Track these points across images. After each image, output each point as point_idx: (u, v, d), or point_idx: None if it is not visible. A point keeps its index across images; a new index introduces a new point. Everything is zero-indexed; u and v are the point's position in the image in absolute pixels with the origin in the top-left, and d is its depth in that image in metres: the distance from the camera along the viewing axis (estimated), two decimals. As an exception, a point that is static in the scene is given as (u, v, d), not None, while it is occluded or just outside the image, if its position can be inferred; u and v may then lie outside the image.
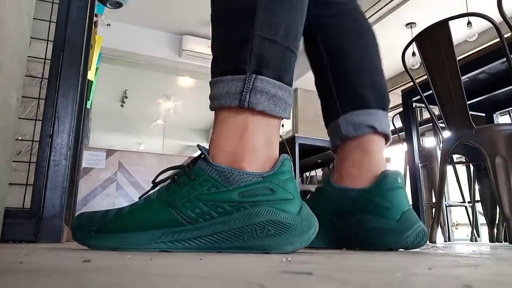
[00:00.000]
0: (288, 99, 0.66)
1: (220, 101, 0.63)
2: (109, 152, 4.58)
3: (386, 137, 0.85)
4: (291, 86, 0.67)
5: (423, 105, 1.96)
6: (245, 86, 0.61)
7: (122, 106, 7.71)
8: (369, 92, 0.83)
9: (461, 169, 2.53)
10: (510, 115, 2.34)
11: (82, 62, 1.20)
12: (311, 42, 0.91)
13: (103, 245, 0.58)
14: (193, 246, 0.58)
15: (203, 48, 5.44)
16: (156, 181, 0.65)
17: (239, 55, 0.63)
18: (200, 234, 0.57)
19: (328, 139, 0.94)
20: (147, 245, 0.58)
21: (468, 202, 2.47)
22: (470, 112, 1.58)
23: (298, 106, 6.51)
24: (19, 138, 1.15)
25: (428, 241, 1.97)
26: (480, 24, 4.26)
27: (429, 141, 3.27)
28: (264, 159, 0.62)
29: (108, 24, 5.15)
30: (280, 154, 0.65)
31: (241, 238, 0.58)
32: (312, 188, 3.29)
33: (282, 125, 7.87)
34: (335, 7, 0.89)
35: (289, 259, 0.44)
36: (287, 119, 0.67)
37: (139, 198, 0.62)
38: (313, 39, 0.90)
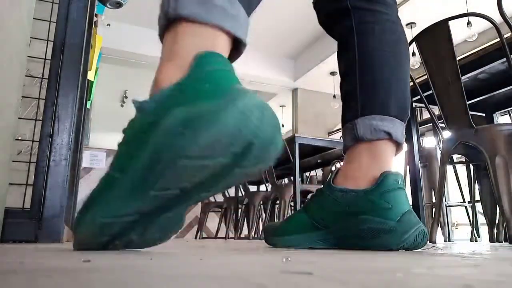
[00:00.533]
0: (234, 12, 0.55)
1: (159, 30, 0.57)
2: (109, 152, 4.58)
3: (398, 146, 0.86)
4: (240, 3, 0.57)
5: (423, 105, 1.96)
6: None
7: (122, 106, 7.71)
8: (392, 101, 0.85)
9: (461, 169, 2.53)
10: (510, 115, 2.34)
11: (82, 62, 1.20)
12: (348, 43, 0.91)
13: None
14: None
15: (203, 48, 5.43)
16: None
17: None
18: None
19: (328, 139, 0.95)
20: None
21: (468, 202, 2.47)
22: (470, 112, 1.58)
23: (298, 106, 6.51)
24: (19, 138, 1.15)
25: (428, 241, 1.96)
26: (480, 24, 4.26)
27: (429, 141, 3.27)
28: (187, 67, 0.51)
29: (108, 24, 5.15)
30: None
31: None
32: (312, 188, 3.29)
33: (282, 125, 7.87)
34: (379, 15, 0.90)
35: (289, 259, 0.44)
36: (238, 37, 0.55)
37: None
38: (351, 41, 0.90)
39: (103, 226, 0.51)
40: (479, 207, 2.16)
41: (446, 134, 1.77)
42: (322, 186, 0.88)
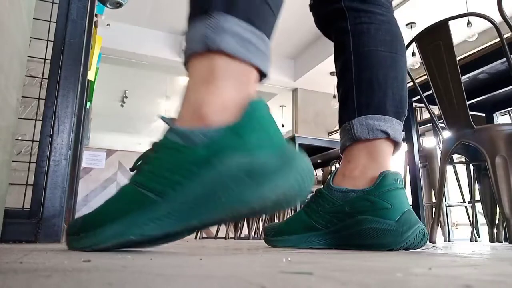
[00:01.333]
0: (264, 49, 0.59)
1: (186, 50, 0.58)
2: (109, 152, 4.58)
3: (396, 145, 0.87)
4: (268, 38, 0.60)
5: (423, 105, 1.96)
6: (208, 24, 0.55)
7: (122, 106, 7.71)
8: (389, 100, 0.85)
9: (461, 169, 2.53)
10: (510, 115, 2.34)
11: (82, 62, 1.20)
12: (344, 44, 0.91)
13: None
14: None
15: (203, 48, 5.43)
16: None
17: None
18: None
19: (328, 139, 0.95)
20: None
21: (468, 202, 2.47)
22: (470, 112, 1.58)
23: (298, 106, 6.51)
24: (19, 138, 1.15)
25: (428, 241, 1.97)
26: (480, 24, 4.26)
27: (429, 141, 3.27)
28: (233, 108, 0.54)
29: (108, 24, 5.15)
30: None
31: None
32: (312, 188, 3.28)
33: (282, 125, 7.87)
34: (373, 16, 0.90)
35: (289, 259, 0.44)
36: (265, 74, 0.59)
37: None
38: (346, 42, 0.90)
39: (130, 241, 0.53)
40: (479, 207, 2.16)
41: (446, 134, 1.77)
42: (322, 186, 0.88)
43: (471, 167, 2.14)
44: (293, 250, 0.72)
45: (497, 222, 1.97)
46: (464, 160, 2.07)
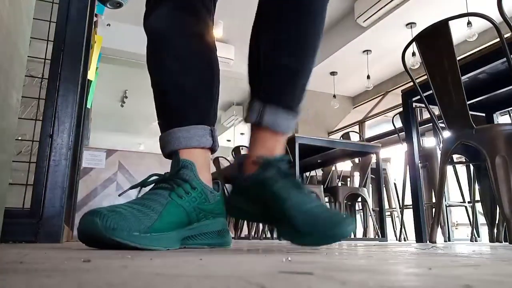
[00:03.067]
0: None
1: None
2: (109, 152, 4.58)
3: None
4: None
5: (423, 105, 1.96)
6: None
7: (122, 106, 7.71)
8: (296, 98, 0.93)
9: (461, 169, 2.53)
10: (510, 115, 2.34)
11: (82, 62, 1.20)
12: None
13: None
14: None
15: (203, 48, 5.44)
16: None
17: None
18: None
19: (328, 139, 0.96)
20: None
21: (468, 202, 2.47)
22: (470, 112, 1.58)
23: (298, 106, 6.51)
24: (19, 138, 1.15)
25: (428, 241, 1.97)
26: (480, 24, 4.26)
27: (429, 141, 3.27)
28: None
29: (108, 24, 5.15)
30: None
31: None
32: (313, 188, 3.28)
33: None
34: None
35: (289, 259, 0.44)
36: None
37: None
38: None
39: None
40: (479, 207, 2.16)
41: (446, 134, 1.77)
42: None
43: (471, 167, 2.14)
44: (293, 250, 0.72)
45: (497, 222, 1.97)
46: (464, 160, 2.07)
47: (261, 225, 3.85)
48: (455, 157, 2.18)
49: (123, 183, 4.49)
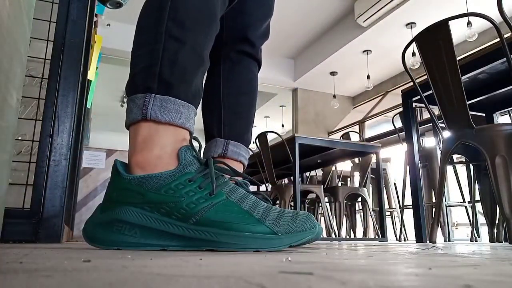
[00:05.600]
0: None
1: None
2: (109, 152, 4.58)
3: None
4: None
5: (423, 105, 1.96)
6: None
7: (122, 106, 7.71)
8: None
9: (461, 169, 2.53)
10: (510, 115, 2.34)
11: (82, 62, 1.20)
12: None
13: None
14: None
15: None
16: None
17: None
18: None
19: (328, 139, 0.98)
20: None
21: (468, 202, 2.47)
22: (470, 112, 1.58)
23: (298, 106, 6.51)
24: (19, 138, 1.15)
25: (428, 241, 1.97)
26: (480, 24, 4.26)
27: (429, 141, 3.27)
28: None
29: (108, 24, 5.15)
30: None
31: None
32: (313, 188, 3.29)
33: (282, 125, 7.87)
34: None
35: (289, 259, 0.44)
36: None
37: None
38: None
39: None
40: (479, 207, 2.16)
41: (446, 134, 1.77)
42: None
43: (471, 167, 2.14)
44: (293, 250, 0.72)
45: (497, 222, 1.97)
46: (464, 160, 2.07)
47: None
48: (455, 157, 2.19)
49: (123, 183, 4.48)
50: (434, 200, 2.64)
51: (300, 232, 0.67)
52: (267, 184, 3.56)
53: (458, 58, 1.59)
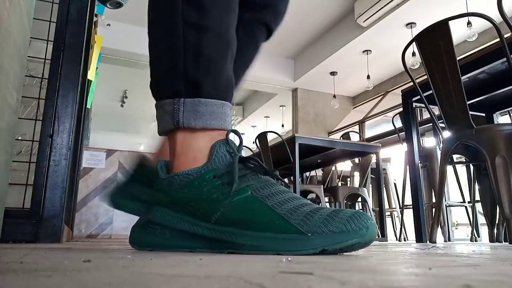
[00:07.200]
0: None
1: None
2: (109, 152, 4.57)
3: None
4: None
5: (423, 105, 1.96)
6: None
7: (122, 106, 7.71)
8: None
9: (461, 169, 2.53)
10: (510, 115, 2.34)
11: (82, 62, 1.20)
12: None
13: None
14: None
15: (203, 48, 5.44)
16: None
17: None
18: None
19: (328, 139, 0.94)
20: None
21: (468, 202, 2.47)
22: (470, 112, 1.58)
23: (298, 106, 6.51)
24: (19, 138, 1.15)
25: (428, 241, 1.97)
26: (480, 24, 4.26)
27: (429, 141, 3.27)
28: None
29: (108, 24, 5.15)
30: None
31: None
32: (312, 188, 3.29)
33: (282, 125, 7.87)
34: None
35: (289, 259, 0.44)
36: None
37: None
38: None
39: None
40: (479, 207, 2.16)
41: (446, 134, 1.77)
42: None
43: (471, 167, 2.14)
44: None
45: (497, 222, 1.97)
46: (464, 160, 2.07)
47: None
48: (455, 157, 2.18)
49: (123, 183, 4.48)
50: (434, 200, 2.64)
51: (339, 233, 0.54)
52: (267, 184, 3.55)
53: (458, 58, 1.59)
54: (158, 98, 0.68)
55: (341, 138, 3.98)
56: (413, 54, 4.62)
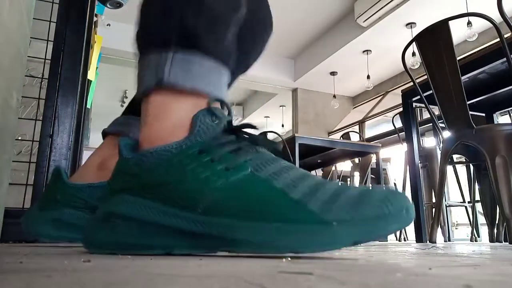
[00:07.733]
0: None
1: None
2: (109, 152, 4.57)
3: None
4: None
5: (423, 105, 1.96)
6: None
7: (122, 106, 7.72)
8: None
9: (461, 169, 2.53)
10: (510, 115, 2.34)
11: (82, 62, 1.20)
12: None
13: None
14: None
15: (203, 48, 5.44)
16: None
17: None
18: None
19: (328, 139, 0.92)
20: None
21: (468, 202, 2.47)
22: (470, 112, 1.58)
23: (298, 106, 6.51)
24: (19, 138, 1.15)
25: (428, 241, 1.97)
26: (480, 24, 4.26)
27: (429, 141, 3.27)
28: None
29: (108, 24, 5.15)
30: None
31: None
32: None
33: (282, 125, 7.87)
34: None
35: (289, 259, 0.44)
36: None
37: None
38: None
39: None
40: (479, 207, 2.16)
41: (446, 134, 1.77)
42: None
43: (471, 167, 2.14)
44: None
45: (497, 222, 1.97)
46: (464, 160, 2.07)
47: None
48: (455, 157, 2.19)
49: (123, 183, 4.48)
50: (434, 200, 2.64)
51: (374, 219, 0.40)
52: (267, 184, 3.55)
53: (458, 58, 1.59)
54: (144, 50, 0.56)
55: (341, 138, 3.98)
56: (413, 54, 4.62)
